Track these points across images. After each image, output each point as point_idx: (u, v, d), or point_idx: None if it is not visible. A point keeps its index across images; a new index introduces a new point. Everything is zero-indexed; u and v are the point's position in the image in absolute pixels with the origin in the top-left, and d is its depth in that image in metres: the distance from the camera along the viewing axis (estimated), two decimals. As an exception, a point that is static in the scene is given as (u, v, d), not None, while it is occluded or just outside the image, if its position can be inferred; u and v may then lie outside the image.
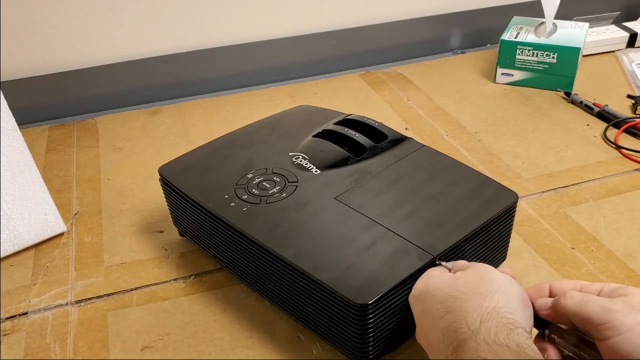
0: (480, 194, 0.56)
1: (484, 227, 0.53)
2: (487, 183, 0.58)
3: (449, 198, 0.55)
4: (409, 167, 0.60)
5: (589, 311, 0.40)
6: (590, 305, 0.40)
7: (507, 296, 0.42)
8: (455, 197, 0.56)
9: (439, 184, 0.57)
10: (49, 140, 0.91)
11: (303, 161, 0.61)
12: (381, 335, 0.49)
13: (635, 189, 0.73)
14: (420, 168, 0.60)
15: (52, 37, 0.94)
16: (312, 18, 1.06)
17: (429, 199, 0.55)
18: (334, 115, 0.70)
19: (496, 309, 0.40)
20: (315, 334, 0.54)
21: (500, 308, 0.40)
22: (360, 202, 0.55)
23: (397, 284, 0.47)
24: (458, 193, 0.56)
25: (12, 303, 0.61)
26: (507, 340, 0.38)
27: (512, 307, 0.41)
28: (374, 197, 0.56)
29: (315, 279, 0.48)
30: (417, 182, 0.58)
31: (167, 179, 0.62)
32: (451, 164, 0.61)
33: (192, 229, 0.62)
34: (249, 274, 0.57)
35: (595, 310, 0.40)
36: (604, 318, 0.39)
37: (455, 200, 0.55)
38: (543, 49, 0.95)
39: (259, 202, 0.56)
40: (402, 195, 0.56)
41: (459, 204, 0.55)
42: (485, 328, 0.39)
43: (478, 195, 0.56)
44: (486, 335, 0.38)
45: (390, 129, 0.66)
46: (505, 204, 0.55)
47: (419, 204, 0.55)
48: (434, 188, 0.57)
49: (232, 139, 0.67)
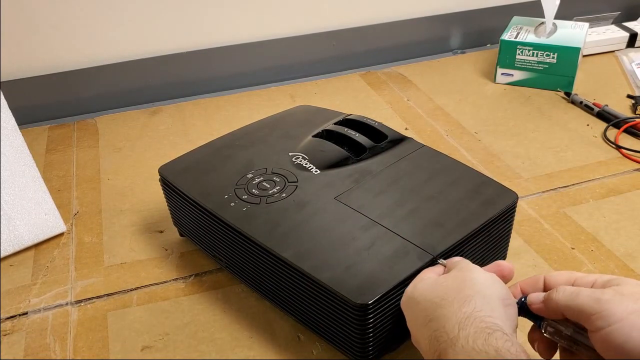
0: (480, 194, 0.56)
1: (483, 227, 0.53)
2: (487, 183, 0.58)
3: (448, 198, 0.55)
4: (409, 167, 0.60)
5: (580, 303, 0.40)
6: (581, 297, 0.40)
7: (486, 299, 0.42)
8: (455, 197, 0.56)
9: (439, 184, 0.57)
10: (49, 140, 0.91)
11: (303, 161, 0.61)
12: (381, 335, 0.49)
13: (635, 189, 0.73)
14: (420, 168, 0.60)
15: (52, 37, 0.94)
16: (312, 18, 1.06)
17: (429, 199, 0.55)
18: (334, 115, 0.70)
19: (474, 313, 0.40)
20: (315, 334, 0.54)
21: (478, 312, 0.40)
22: (360, 202, 0.55)
23: (397, 284, 0.47)
24: (458, 193, 0.56)
25: (12, 303, 0.61)
26: (486, 346, 0.37)
27: (491, 309, 0.41)
28: (373, 197, 0.56)
29: (315, 279, 0.48)
30: (417, 182, 0.58)
31: (167, 179, 0.62)
32: (451, 164, 0.61)
33: (192, 229, 0.62)
34: (249, 274, 0.57)
35: (586, 301, 0.40)
36: (595, 308, 0.39)
37: (455, 200, 0.55)
38: (543, 49, 0.95)
39: (259, 202, 0.56)
40: (402, 195, 0.56)
41: (459, 203, 0.55)
42: (464, 335, 0.39)
43: (478, 195, 0.56)
44: (464, 343, 0.38)
45: (390, 129, 0.66)
46: (505, 204, 0.55)
47: (418, 204, 0.55)
48: (433, 188, 0.57)
49: (232, 139, 0.67)
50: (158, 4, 0.96)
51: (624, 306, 0.38)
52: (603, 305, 0.39)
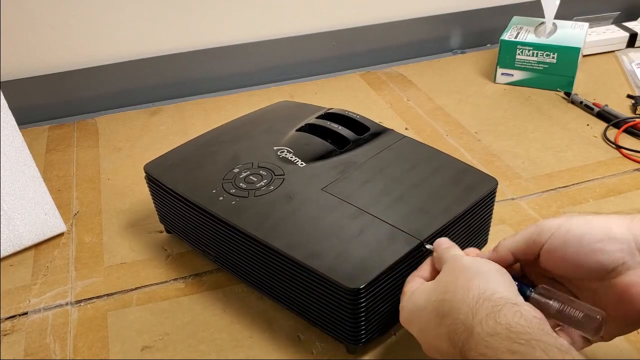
0: (462, 180, 0.58)
1: (466, 211, 0.55)
2: (468, 170, 0.60)
3: (432, 185, 0.57)
4: (392, 157, 0.61)
5: (521, 234, 0.46)
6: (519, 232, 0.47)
7: (485, 275, 0.43)
8: (438, 184, 0.57)
9: (422, 172, 0.59)
10: (49, 140, 0.91)
11: (288, 154, 0.62)
12: (372, 319, 0.50)
13: (635, 189, 0.73)
14: (403, 158, 0.61)
15: (52, 37, 0.94)
16: (312, 18, 1.06)
17: (413, 187, 0.57)
18: (316, 109, 0.70)
19: (481, 295, 0.41)
20: (314, 334, 0.54)
21: (483, 293, 0.41)
22: (346, 192, 0.56)
23: (387, 268, 0.48)
24: (440, 180, 0.58)
25: (12, 303, 0.61)
26: (497, 326, 0.38)
27: (493, 284, 0.42)
28: (359, 187, 0.57)
29: (308, 266, 0.49)
30: (401, 171, 0.59)
31: (154, 176, 0.62)
32: (432, 153, 0.63)
33: (180, 225, 0.62)
34: (239, 267, 0.57)
35: (525, 230, 0.46)
36: (533, 229, 0.46)
37: (438, 187, 0.57)
38: (543, 49, 0.95)
39: (247, 196, 0.57)
40: (387, 184, 0.57)
41: (442, 190, 0.57)
42: (478, 321, 0.39)
43: (460, 182, 0.58)
44: (480, 330, 0.39)
45: (372, 121, 0.67)
46: (485, 189, 0.57)
47: (403, 192, 0.56)
48: (417, 176, 0.58)
49: (216, 135, 0.68)
50: (158, 4, 0.96)
51: (554, 219, 0.45)
52: (538, 224, 0.46)
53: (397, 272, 0.50)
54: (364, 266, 0.48)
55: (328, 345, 0.54)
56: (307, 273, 0.50)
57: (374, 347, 0.54)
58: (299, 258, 0.49)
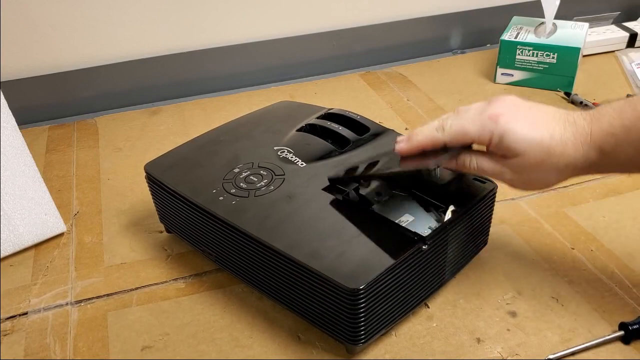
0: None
1: (467, 212, 0.55)
2: None
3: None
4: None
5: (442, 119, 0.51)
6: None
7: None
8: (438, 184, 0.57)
9: None
10: (49, 140, 0.91)
11: (288, 155, 0.62)
12: (372, 319, 0.50)
13: (635, 189, 0.73)
14: None
15: (52, 37, 0.94)
16: (312, 18, 1.06)
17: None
18: (316, 109, 0.70)
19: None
20: (314, 334, 0.54)
21: None
22: None
23: (387, 267, 0.48)
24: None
25: (12, 303, 0.61)
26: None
27: None
28: None
29: (308, 267, 0.49)
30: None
31: (154, 176, 0.62)
32: None
33: (180, 225, 0.63)
34: (240, 267, 0.57)
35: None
36: (453, 114, 0.51)
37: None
38: (543, 49, 0.95)
39: (248, 196, 0.57)
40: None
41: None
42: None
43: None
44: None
45: (372, 122, 0.67)
46: (485, 192, 0.57)
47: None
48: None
49: (216, 135, 0.68)
50: (158, 4, 0.97)
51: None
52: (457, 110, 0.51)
53: (397, 272, 0.50)
54: (364, 266, 0.48)
55: (328, 345, 0.54)
56: (307, 273, 0.50)
57: (374, 347, 0.54)
58: (299, 258, 0.49)
